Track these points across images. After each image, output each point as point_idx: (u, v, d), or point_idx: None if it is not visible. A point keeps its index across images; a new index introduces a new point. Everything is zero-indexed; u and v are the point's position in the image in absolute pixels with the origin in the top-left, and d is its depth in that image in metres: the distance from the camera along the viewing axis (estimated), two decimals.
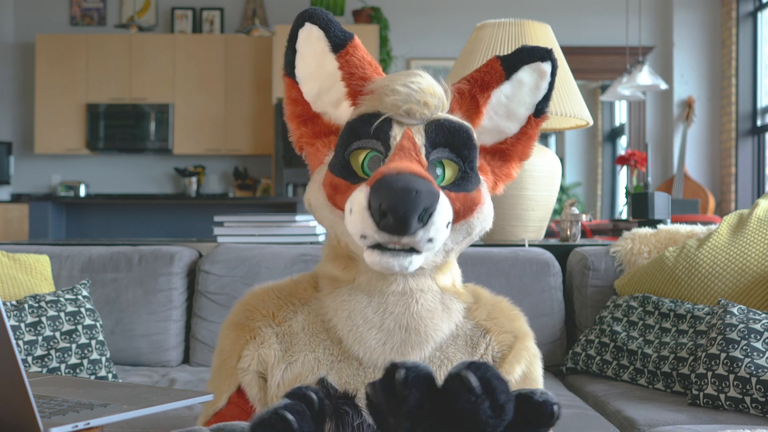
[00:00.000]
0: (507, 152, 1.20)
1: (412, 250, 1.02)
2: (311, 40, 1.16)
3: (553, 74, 1.18)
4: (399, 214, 0.96)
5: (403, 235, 0.99)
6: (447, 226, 1.04)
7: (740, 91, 6.29)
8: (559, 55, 2.48)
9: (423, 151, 1.09)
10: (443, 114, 1.12)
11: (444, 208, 1.02)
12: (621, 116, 8.38)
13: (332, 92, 1.18)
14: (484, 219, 1.14)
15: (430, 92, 1.10)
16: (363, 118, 1.11)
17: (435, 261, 1.12)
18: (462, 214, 1.10)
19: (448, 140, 1.10)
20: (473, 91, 1.17)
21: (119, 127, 6.72)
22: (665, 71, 6.63)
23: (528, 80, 1.17)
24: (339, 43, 1.15)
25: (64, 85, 6.71)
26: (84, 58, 6.72)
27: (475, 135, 1.14)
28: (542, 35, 2.46)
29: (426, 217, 0.99)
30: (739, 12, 6.29)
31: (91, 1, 7.04)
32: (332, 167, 1.13)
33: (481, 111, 1.17)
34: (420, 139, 1.09)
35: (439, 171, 1.10)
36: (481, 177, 1.16)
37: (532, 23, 2.46)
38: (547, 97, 1.18)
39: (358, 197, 1.01)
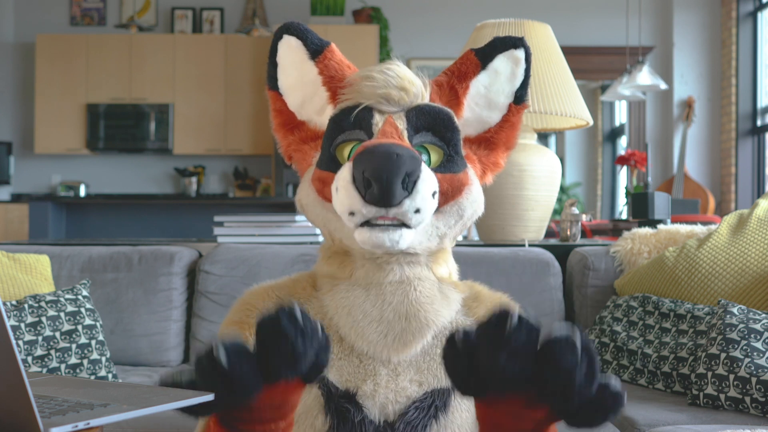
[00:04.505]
0: (492, 140, 1.22)
1: (402, 225, 1.04)
2: (290, 50, 1.21)
3: (528, 61, 1.20)
4: (382, 180, 0.98)
5: (390, 205, 1.00)
6: (433, 196, 1.05)
7: (740, 91, 6.29)
8: (558, 55, 2.49)
9: (405, 134, 1.11)
10: (423, 101, 1.15)
11: (427, 176, 1.03)
12: (621, 116, 8.38)
13: (315, 99, 1.21)
14: (474, 200, 1.14)
15: (408, 79, 1.13)
16: (344, 111, 1.14)
17: (429, 246, 1.12)
18: (451, 194, 1.11)
19: (430, 124, 1.12)
20: (452, 83, 1.19)
21: (119, 127, 6.72)
22: (665, 71, 6.63)
23: (503, 69, 1.20)
24: (316, 50, 1.20)
25: (64, 85, 6.71)
26: (84, 58, 6.72)
27: (456, 118, 1.16)
28: (542, 35, 2.46)
29: (410, 184, 1.00)
30: (739, 12, 6.29)
31: (91, 1, 7.04)
32: (319, 164, 1.15)
33: (462, 101, 1.19)
34: (402, 124, 1.12)
35: (424, 156, 1.12)
36: (468, 164, 1.18)
37: (532, 23, 2.46)
38: (524, 84, 1.21)
39: (343, 172, 1.04)
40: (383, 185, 0.98)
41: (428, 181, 1.03)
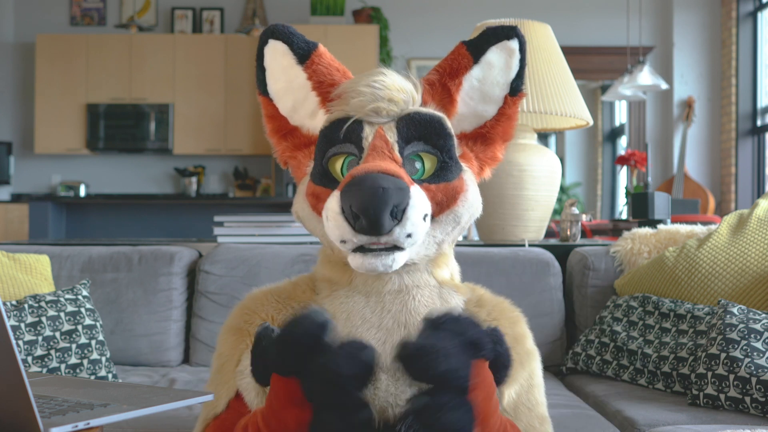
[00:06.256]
0: (488, 135, 1.19)
1: (395, 247, 1.03)
2: (277, 55, 1.19)
3: (522, 50, 1.17)
4: (370, 214, 0.97)
5: (380, 234, 1.00)
6: (425, 219, 1.04)
7: (740, 91, 6.29)
8: (558, 55, 2.49)
9: (396, 147, 1.09)
10: (414, 107, 1.12)
11: (418, 202, 1.02)
12: (621, 116, 8.38)
13: (306, 104, 1.20)
14: (470, 206, 1.13)
15: (396, 88, 1.11)
16: (334, 124, 1.12)
17: (427, 254, 1.12)
18: (446, 204, 1.10)
19: (421, 133, 1.11)
20: (443, 80, 1.17)
21: (119, 127, 6.72)
22: (665, 71, 6.63)
23: (497, 61, 1.17)
24: (303, 54, 1.18)
25: (64, 85, 6.71)
26: (84, 58, 6.72)
27: (448, 123, 1.14)
28: (542, 35, 2.46)
29: (399, 213, 0.99)
30: (739, 12, 6.28)
31: (91, 1, 7.04)
32: (313, 176, 1.14)
33: (455, 98, 1.17)
34: (392, 136, 1.10)
35: (418, 165, 1.11)
36: (465, 165, 1.16)
37: (532, 23, 2.46)
38: (520, 75, 1.17)
39: (331, 203, 1.03)
40: (371, 218, 0.98)
41: (418, 207, 1.02)
